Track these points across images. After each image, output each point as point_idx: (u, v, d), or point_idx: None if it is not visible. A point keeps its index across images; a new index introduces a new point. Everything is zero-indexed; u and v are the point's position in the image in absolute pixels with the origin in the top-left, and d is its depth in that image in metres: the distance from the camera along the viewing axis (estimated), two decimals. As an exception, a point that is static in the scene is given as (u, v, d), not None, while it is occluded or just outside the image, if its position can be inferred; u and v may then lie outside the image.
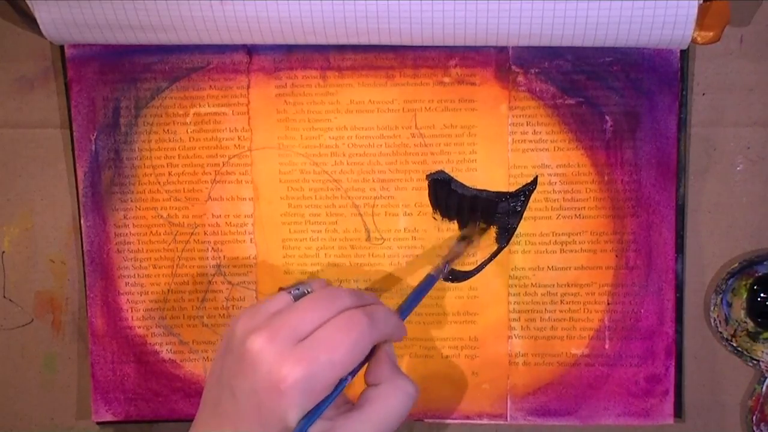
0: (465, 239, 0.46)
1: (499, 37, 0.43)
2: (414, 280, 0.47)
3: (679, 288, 0.47)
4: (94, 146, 0.47)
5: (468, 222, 0.47)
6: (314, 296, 0.38)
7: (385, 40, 0.44)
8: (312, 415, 0.35)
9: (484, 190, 0.46)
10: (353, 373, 0.36)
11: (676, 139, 0.46)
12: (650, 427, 0.48)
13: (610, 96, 0.46)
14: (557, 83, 0.46)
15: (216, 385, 0.37)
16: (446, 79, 0.46)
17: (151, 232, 0.48)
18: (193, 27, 0.43)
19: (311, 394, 0.35)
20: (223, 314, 0.48)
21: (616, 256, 0.46)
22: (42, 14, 0.43)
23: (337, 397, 0.36)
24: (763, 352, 0.46)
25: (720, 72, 0.46)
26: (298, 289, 0.39)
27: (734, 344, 0.47)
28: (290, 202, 0.47)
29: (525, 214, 0.46)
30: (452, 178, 0.46)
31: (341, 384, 0.36)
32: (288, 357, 0.35)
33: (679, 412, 0.47)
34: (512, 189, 0.46)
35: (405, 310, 0.42)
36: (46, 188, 0.48)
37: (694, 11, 0.41)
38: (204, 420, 0.38)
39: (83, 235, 0.48)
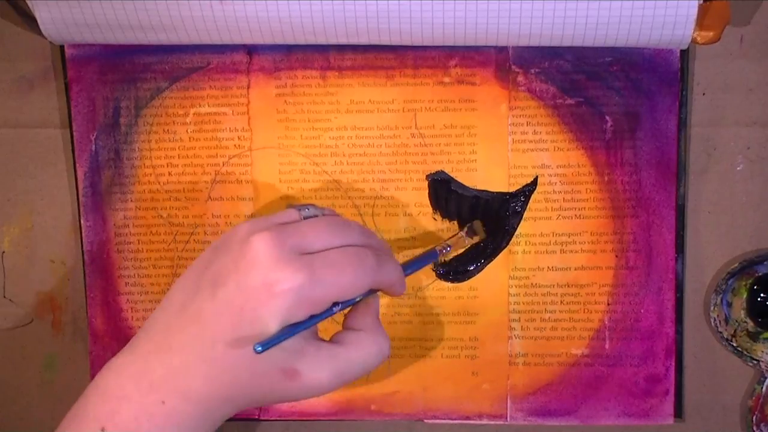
0: (471, 230, 0.46)
1: (499, 37, 0.43)
2: (414, 280, 0.47)
3: (679, 288, 0.47)
4: (94, 146, 0.47)
5: (468, 222, 0.47)
6: (326, 220, 0.37)
7: (385, 40, 0.44)
8: (294, 328, 0.34)
9: (484, 191, 0.46)
10: (344, 305, 0.35)
11: (676, 139, 0.46)
12: (650, 428, 0.48)
13: (610, 96, 0.46)
14: (557, 83, 0.46)
15: (190, 286, 0.35)
16: (446, 79, 0.46)
17: (151, 232, 0.48)
18: (193, 27, 0.43)
19: (301, 306, 0.34)
20: (223, 314, 0.48)
21: (616, 256, 0.46)
22: (42, 14, 0.43)
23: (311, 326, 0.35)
24: (763, 352, 0.46)
25: (720, 72, 0.46)
26: (308, 210, 0.38)
27: (734, 344, 0.47)
28: (290, 202, 0.47)
29: (525, 215, 0.46)
30: (452, 178, 0.46)
31: (331, 309, 0.35)
32: (290, 263, 0.33)
33: (679, 412, 0.47)
34: (512, 189, 0.46)
35: (407, 269, 0.41)
36: (46, 188, 0.48)
37: (694, 11, 0.41)
38: (162, 322, 0.36)
39: (83, 235, 0.48)
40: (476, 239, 0.46)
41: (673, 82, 0.45)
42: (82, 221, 0.48)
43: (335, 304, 0.35)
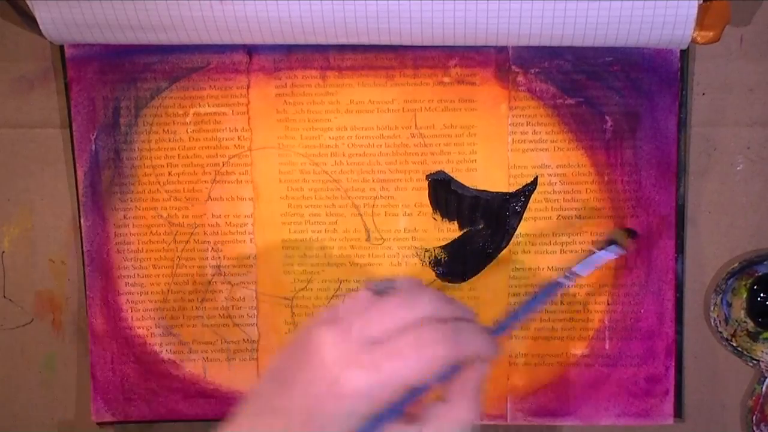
0: (612, 243, 0.42)
1: (499, 37, 0.43)
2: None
3: (679, 288, 0.47)
4: (94, 146, 0.47)
5: (468, 222, 0.47)
6: (395, 298, 0.35)
7: (385, 40, 0.44)
8: (372, 426, 0.33)
9: (484, 191, 0.46)
10: (426, 388, 0.34)
11: (676, 139, 0.46)
12: (650, 427, 0.48)
13: (610, 96, 0.46)
14: (557, 83, 0.46)
15: (274, 378, 0.35)
16: (446, 79, 0.46)
17: (151, 232, 0.48)
18: (193, 27, 0.43)
19: (371, 402, 0.33)
20: (223, 314, 0.48)
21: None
22: (42, 14, 0.43)
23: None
24: (763, 352, 0.46)
25: (720, 72, 0.46)
26: (382, 285, 0.36)
27: (734, 344, 0.47)
28: (290, 202, 0.47)
29: (525, 215, 0.46)
30: (452, 178, 0.46)
31: (408, 398, 0.33)
32: (354, 360, 0.33)
33: (679, 412, 0.47)
34: (512, 189, 0.46)
35: (503, 326, 0.37)
36: (46, 188, 0.48)
37: (694, 11, 0.41)
38: (252, 413, 0.35)
39: (83, 235, 0.48)
40: (616, 252, 0.42)
41: (673, 82, 0.45)
42: (82, 221, 0.48)
43: (415, 389, 0.33)
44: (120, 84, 0.47)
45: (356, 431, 0.33)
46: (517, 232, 0.47)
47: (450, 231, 0.47)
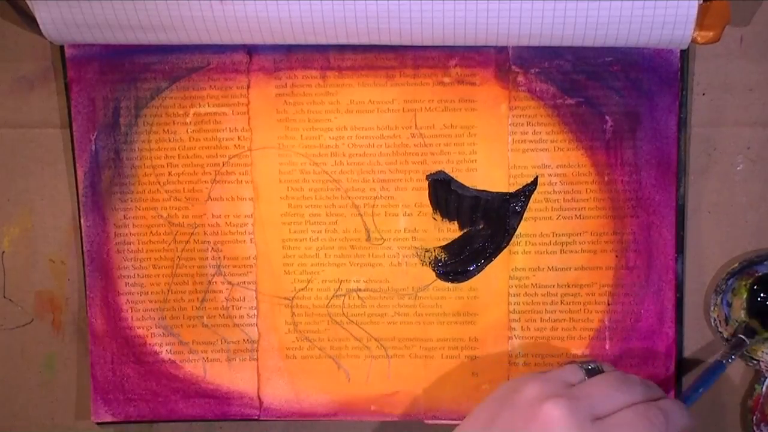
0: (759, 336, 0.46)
1: (499, 37, 0.43)
2: (414, 280, 0.47)
3: (679, 288, 0.47)
4: (94, 146, 0.47)
5: (468, 222, 0.47)
6: (611, 377, 0.38)
7: (385, 40, 0.44)
8: None
9: (484, 191, 0.46)
10: None
11: (676, 139, 0.45)
12: (650, 428, 0.48)
13: (610, 96, 0.46)
14: (557, 83, 0.46)
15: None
16: (446, 79, 0.46)
17: (151, 232, 0.48)
18: (193, 27, 0.43)
19: None
20: (223, 314, 0.48)
21: (616, 256, 0.46)
22: (42, 14, 0.43)
23: None
24: (763, 352, 0.46)
25: (720, 72, 0.46)
26: (591, 366, 0.39)
27: (734, 344, 0.47)
28: (290, 202, 0.47)
29: (525, 215, 0.46)
30: (452, 178, 0.46)
31: None
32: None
33: (679, 412, 0.47)
34: (512, 189, 0.46)
35: (688, 398, 0.42)
36: (46, 188, 0.48)
37: (694, 11, 0.41)
38: None
39: (83, 235, 0.48)
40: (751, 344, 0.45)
41: (673, 82, 0.45)
42: (82, 221, 0.48)
43: None
44: (120, 84, 0.47)
45: None
46: (517, 232, 0.47)
47: (450, 231, 0.47)
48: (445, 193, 0.47)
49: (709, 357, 0.47)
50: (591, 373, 0.39)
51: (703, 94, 0.46)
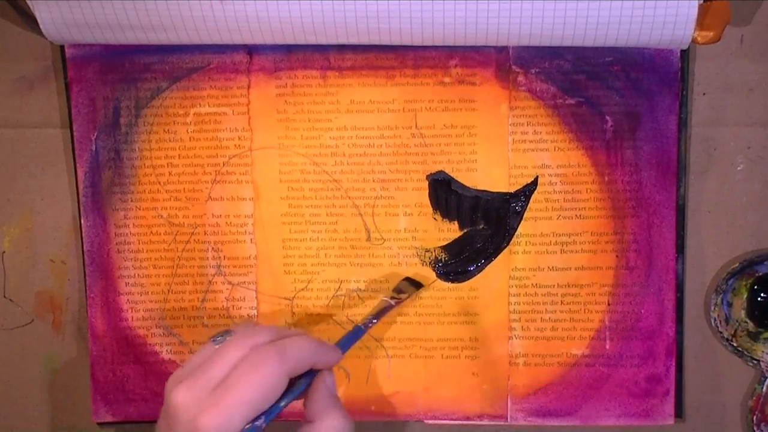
0: (400, 292, 0.46)
1: (499, 37, 0.43)
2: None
3: (680, 288, 0.47)
4: (94, 146, 0.47)
5: (468, 222, 0.47)
6: (230, 340, 0.38)
7: (385, 40, 0.44)
8: None
9: (485, 191, 0.46)
10: (269, 414, 0.36)
11: (676, 139, 0.46)
12: (651, 428, 0.48)
13: (611, 96, 0.46)
14: (557, 83, 0.46)
15: None
16: (446, 79, 0.46)
17: (151, 232, 0.48)
18: (193, 27, 0.43)
19: None
20: (223, 314, 0.48)
21: (617, 256, 0.46)
22: (42, 14, 0.43)
23: None
24: (763, 352, 0.46)
25: (720, 72, 0.46)
26: (221, 335, 0.39)
27: (734, 344, 0.47)
28: (290, 202, 0.47)
29: (525, 215, 0.46)
30: (452, 178, 0.46)
31: (252, 429, 0.35)
32: (204, 405, 0.35)
33: (679, 412, 0.47)
34: (512, 189, 0.46)
35: (344, 342, 0.42)
36: (46, 188, 0.48)
37: (695, 11, 0.41)
38: None
39: (83, 235, 0.48)
40: (404, 297, 0.46)
41: (674, 82, 0.45)
42: (82, 221, 0.48)
43: (257, 418, 0.35)
44: (120, 84, 0.47)
45: None
46: (517, 232, 0.47)
47: (450, 231, 0.47)
48: (445, 193, 0.47)
49: (709, 357, 0.47)
50: (220, 343, 0.39)
51: (704, 94, 0.46)
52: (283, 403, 0.36)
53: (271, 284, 0.48)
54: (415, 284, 0.47)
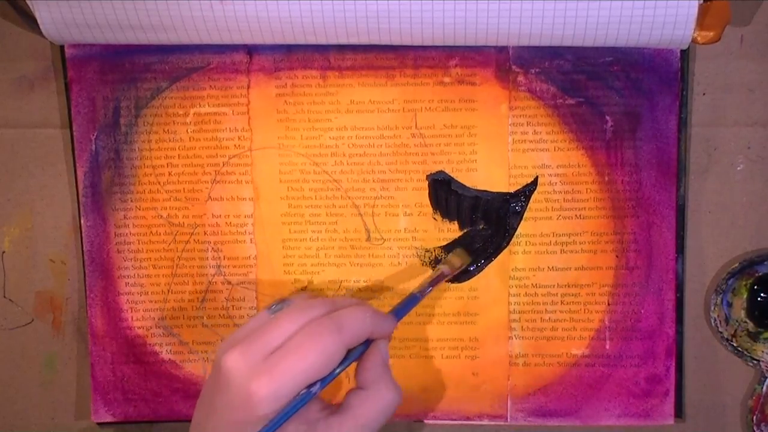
0: (447, 263, 0.46)
1: (499, 37, 0.43)
2: (414, 281, 0.47)
3: (680, 288, 0.47)
4: (94, 146, 0.47)
5: (468, 222, 0.47)
6: (287, 309, 0.38)
7: (385, 40, 0.44)
8: (269, 427, 0.35)
9: (485, 191, 0.46)
10: (324, 381, 0.36)
11: (676, 139, 0.46)
12: (651, 428, 0.48)
13: (611, 96, 0.46)
14: (557, 83, 0.46)
15: (199, 408, 0.38)
16: (446, 79, 0.46)
17: (151, 232, 0.48)
18: (193, 27, 0.43)
19: (281, 402, 0.35)
20: (223, 314, 0.48)
21: (617, 256, 0.46)
22: (42, 14, 0.43)
23: (317, 401, 0.37)
24: (763, 352, 0.46)
25: (720, 72, 0.46)
26: (277, 305, 0.39)
27: (734, 344, 0.47)
28: (290, 202, 0.47)
29: (525, 215, 0.46)
30: (452, 178, 0.46)
31: (307, 395, 0.36)
32: (258, 371, 0.35)
33: (679, 412, 0.47)
34: (512, 189, 0.46)
35: (399, 310, 0.42)
36: (46, 188, 0.48)
37: (695, 11, 0.41)
38: None
39: (83, 235, 0.48)
40: (458, 266, 0.46)
41: (674, 82, 0.45)
42: (82, 221, 0.48)
43: (312, 385, 0.36)
44: (120, 84, 0.47)
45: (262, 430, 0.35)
46: (517, 232, 0.47)
47: (450, 231, 0.47)
48: (445, 193, 0.47)
49: (709, 357, 0.47)
50: (276, 312, 0.39)
51: (704, 94, 0.46)
52: (338, 371, 0.37)
53: (271, 284, 0.48)
54: (470, 253, 0.46)
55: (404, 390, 0.48)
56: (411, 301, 0.42)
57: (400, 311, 0.41)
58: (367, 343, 0.38)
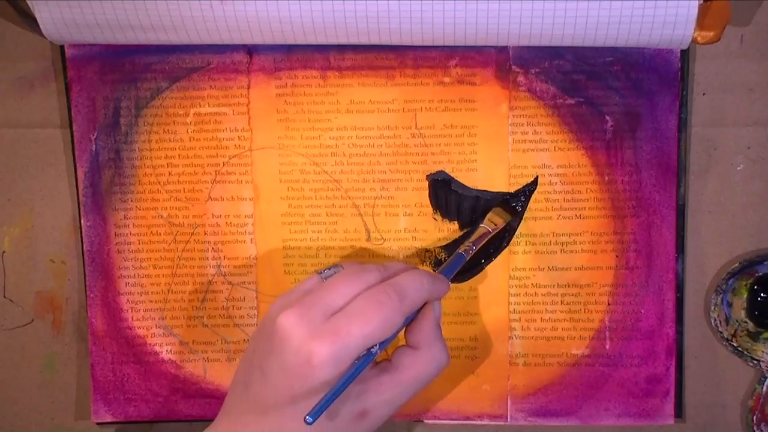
0: (489, 221, 0.46)
1: (499, 37, 0.43)
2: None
3: (680, 288, 0.47)
4: (94, 146, 0.47)
5: (468, 222, 0.47)
6: (343, 273, 0.38)
7: (385, 40, 0.44)
8: (335, 390, 0.35)
9: (485, 191, 0.46)
10: (383, 344, 0.37)
11: (676, 139, 0.46)
12: (651, 428, 0.48)
13: (611, 96, 0.46)
14: (557, 83, 0.46)
15: (247, 368, 0.38)
16: (446, 79, 0.46)
17: (151, 232, 0.48)
18: (193, 27, 0.44)
19: (341, 365, 0.35)
20: (223, 314, 0.48)
21: (617, 256, 0.46)
22: (42, 14, 0.43)
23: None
24: (763, 352, 0.46)
25: (720, 72, 0.46)
26: (330, 269, 0.40)
27: (734, 344, 0.47)
28: (290, 202, 0.47)
29: (525, 215, 0.46)
30: (452, 178, 0.46)
31: (368, 356, 0.36)
32: (318, 332, 0.35)
33: (679, 412, 0.47)
34: (513, 189, 0.46)
35: (448, 269, 0.43)
36: (46, 188, 0.48)
37: (695, 11, 0.41)
38: (233, 403, 0.38)
39: (83, 235, 0.48)
40: (500, 224, 0.46)
41: (674, 82, 0.45)
42: (82, 221, 0.48)
43: (371, 347, 0.36)
44: (120, 84, 0.47)
45: (326, 395, 0.35)
46: (517, 232, 0.47)
47: (450, 231, 0.47)
48: (445, 193, 0.47)
49: (709, 357, 0.47)
50: (329, 276, 0.39)
51: (703, 94, 0.46)
52: (375, 349, 0.37)
53: (271, 284, 0.48)
54: (509, 211, 0.46)
55: (404, 390, 0.48)
56: (458, 260, 0.43)
57: (449, 270, 0.42)
58: None
